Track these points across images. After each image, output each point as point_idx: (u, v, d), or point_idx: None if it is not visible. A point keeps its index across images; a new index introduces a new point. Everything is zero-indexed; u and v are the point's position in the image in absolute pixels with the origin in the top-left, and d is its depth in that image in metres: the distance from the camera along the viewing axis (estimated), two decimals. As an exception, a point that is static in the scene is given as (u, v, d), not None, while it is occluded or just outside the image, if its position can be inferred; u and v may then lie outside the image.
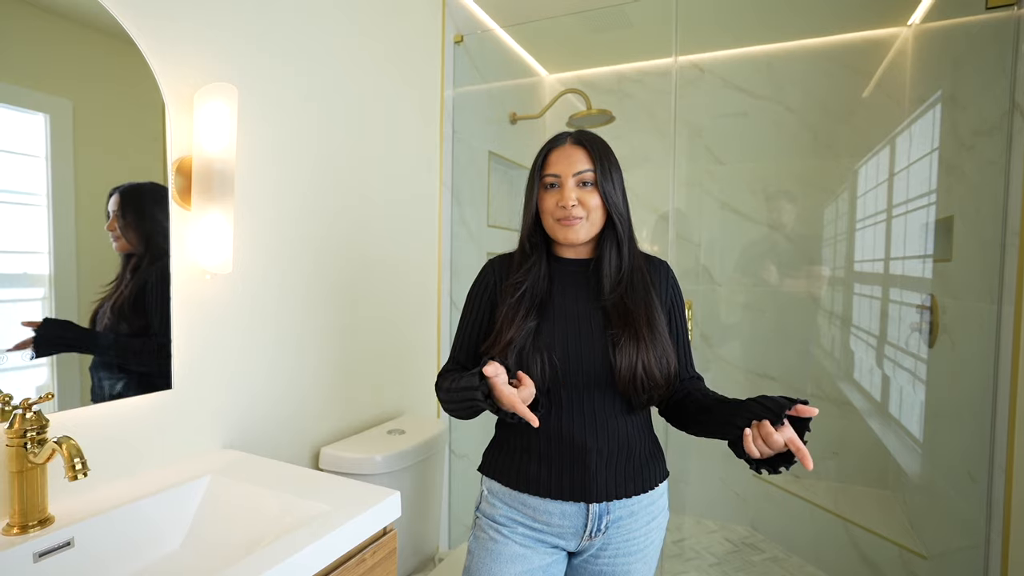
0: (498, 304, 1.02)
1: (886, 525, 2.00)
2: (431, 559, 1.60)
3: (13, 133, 0.80)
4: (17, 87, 0.81)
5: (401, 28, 1.69)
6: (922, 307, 1.86)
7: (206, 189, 1.02)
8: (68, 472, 0.71)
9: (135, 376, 0.97)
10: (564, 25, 2.17)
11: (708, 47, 2.43)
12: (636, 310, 0.96)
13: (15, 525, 0.76)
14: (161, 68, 0.99)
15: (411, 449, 1.42)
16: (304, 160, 1.34)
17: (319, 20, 1.36)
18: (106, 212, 0.92)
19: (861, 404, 2.21)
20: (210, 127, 1.02)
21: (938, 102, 1.84)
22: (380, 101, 1.60)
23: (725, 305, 2.53)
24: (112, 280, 0.93)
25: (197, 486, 0.95)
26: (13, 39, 0.80)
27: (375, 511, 0.87)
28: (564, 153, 0.99)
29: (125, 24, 0.93)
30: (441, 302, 1.95)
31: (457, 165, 2.03)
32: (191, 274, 1.06)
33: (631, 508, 0.96)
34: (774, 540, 2.37)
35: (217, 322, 1.12)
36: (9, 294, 0.80)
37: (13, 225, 0.80)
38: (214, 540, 0.89)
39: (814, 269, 2.36)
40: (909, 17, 2.08)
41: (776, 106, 2.39)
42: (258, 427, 1.23)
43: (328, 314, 1.42)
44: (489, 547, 0.99)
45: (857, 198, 2.27)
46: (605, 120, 2.16)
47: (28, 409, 0.77)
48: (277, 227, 1.27)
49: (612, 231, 1.00)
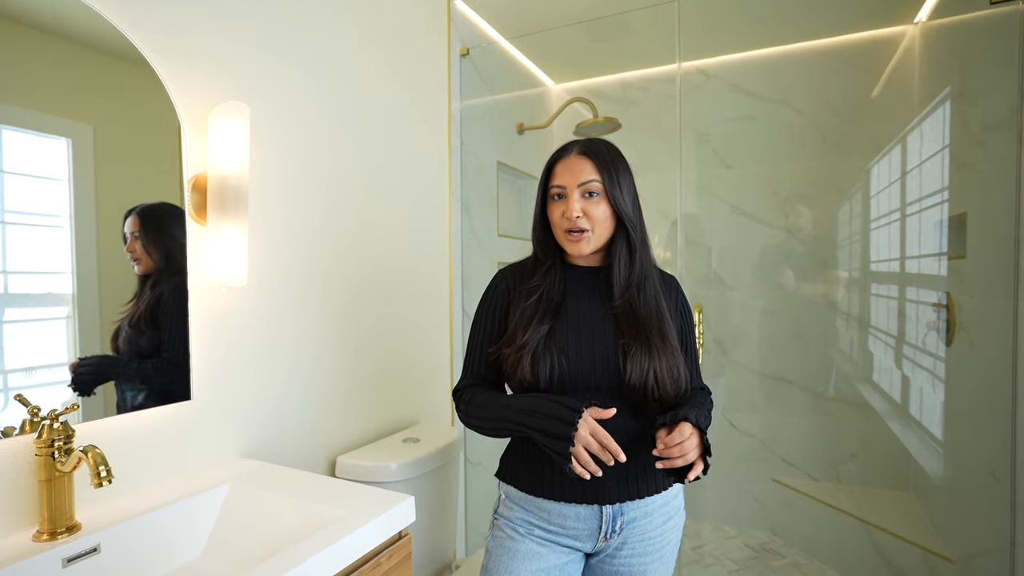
0: (511, 309, 1.03)
1: (909, 528, 1.96)
2: (448, 566, 1.61)
3: (37, 158, 0.84)
4: (41, 114, 0.85)
5: (408, 43, 1.73)
6: (938, 305, 1.84)
7: (221, 205, 1.06)
8: (94, 479, 0.73)
9: (156, 387, 1.00)
10: (568, 35, 2.20)
11: (712, 52, 2.44)
12: (648, 317, 0.97)
13: (44, 532, 0.78)
14: (176, 89, 1.03)
15: (426, 457, 1.43)
16: (316, 174, 1.37)
17: (329, 38, 1.40)
18: (123, 235, 0.96)
19: (880, 406, 2.18)
20: (224, 145, 1.06)
21: (947, 98, 1.83)
22: (389, 115, 1.64)
23: (738, 309, 2.52)
24: (131, 299, 0.96)
25: (217, 494, 0.97)
26: (37, 68, 0.84)
27: (390, 515, 0.89)
28: (569, 164, 1.00)
29: (142, 48, 0.97)
30: (453, 311, 1.97)
31: (466, 176, 2.06)
32: (207, 288, 1.09)
33: (645, 509, 0.97)
34: (795, 545, 2.34)
35: (234, 334, 1.15)
36: (35, 313, 0.84)
37: (38, 246, 0.84)
38: (234, 547, 0.91)
39: (829, 272, 2.34)
40: (915, 15, 2.08)
41: (784, 108, 2.38)
42: (275, 436, 1.25)
43: (342, 325, 1.45)
44: (507, 545, 1.00)
45: (870, 198, 2.26)
46: (612, 128, 2.17)
47: (55, 420, 0.80)
48: (291, 240, 1.30)
49: (624, 237, 1.01)
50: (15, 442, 0.81)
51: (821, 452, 2.35)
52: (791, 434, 2.40)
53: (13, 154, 0.81)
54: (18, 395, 0.81)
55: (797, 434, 2.38)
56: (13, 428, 0.80)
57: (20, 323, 0.82)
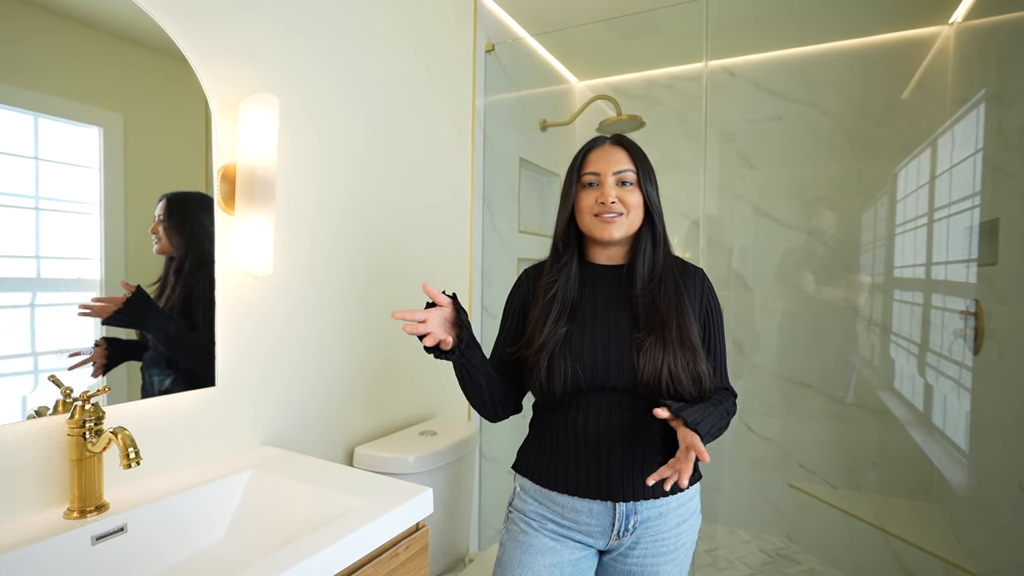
0: (531, 309, 1.03)
1: (930, 539, 1.92)
2: (461, 560, 1.61)
3: (69, 145, 0.86)
4: (74, 102, 0.86)
5: (435, 38, 1.74)
6: (966, 313, 1.80)
7: (249, 195, 1.07)
8: (123, 460, 0.75)
9: (182, 373, 1.02)
10: (593, 32, 2.19)
11: (739, 51, 2.41)
12: (667, 312, 0.96)
13: (75, 510, 0.80)
14: (209, 80, 1.05)
15: (443, 450, 1.44)
16: (341, 167, 1.38)
17: (358, 31, 1.41)
18: (154, 216, 0.98)
19: (902, 414, 2.14)
20: (253, 135, 1.07)
21: (982, 101, 1.78)
22: (414, 109, 1.65)
23: (759, 311, 2.49)
24: (156, 281, 0.98)
25: (239, 479, 0.99)
26: (72, 58, 0.86)
27: (408, 507, 0.89)
28: (604, 152, 1.01)
29: (178, 41, 0.99)
30: (473, 307, 1.98)
31: (488, 172, 2.07)
32: (234, 276, 1.11)
33: (660, 509, 0.96)
34: (811, 552, 2.31)
35: (258, 323, 1.17)
36: (65, 298, 0.86)
37: (68, 232, 0.86)
38: (255, 531, 0.93)
39: (852, 276, 2.30)
40: (950, 15, 2.03)
41: (811, 109, 2.35)
42: (296, 425, 1.27)
43: (363, 317, 1.46)
44: (520, 539, 1.00)
45: (897, 202, 2.21)
46: (635, 126, 2.16)
47: (87, 401, 0.82)
48: (316, 231, 1.31)
49: (650, 231, 1.01)
50: (48, 422, 0.83)
51: (840, 458, 2.31)
52: (809, 439, 2.36)
53: (47, 142, 0.83)
54: (51, 376, 0.83)
55: (815, 439, 2.35)
56: (47, 408, 0.83)
57: (51, 307, 0.84)
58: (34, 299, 0.82)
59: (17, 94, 0.80)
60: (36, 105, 0.82)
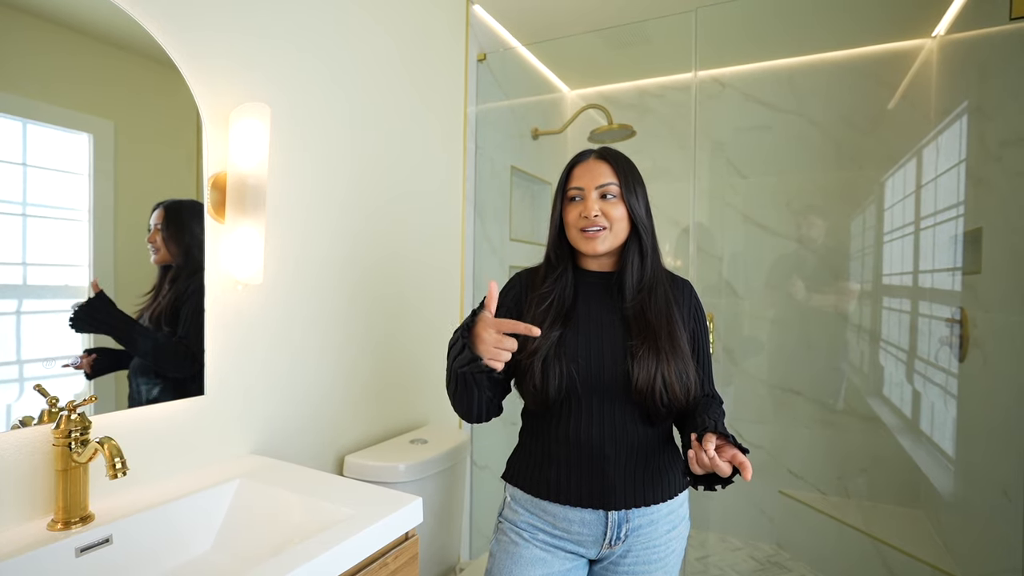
0: (523, 313, 1.04)
1: (918, 545, 1.94)
2: (452, 568, 1.61)
3: (59, 152, 0.86)
4: (64, 109, 0.86)
5: (427, 48, 1.74)
6: (952, 320, 1.83)
7: (239, 203, 1.07)
8: (109, 470, 0.74)
9: (171, 382, 1.01)
10: (585, 42, 2.21)
11: (729, 61, 2.44)
12: (657, 321, 0.97)
13: (59, 521, 0.79)
14: (199, 88, 1.05)
15: (434, 459, 1.44)
16: (333, 175, 1.38)
17: (351, 40, 1.42)
18: (148, 225, 0.97)
19: (890, 420, 2.16)
20: (244, 144, 1.07)
21: (964, 113, 1.82)
22: (407, 118, 1.65)
23: (749, 319, 2.51)
24: (149, 291, 0.98)
25: (227, 489, 0.98)
26: (63, 65, 0.86)
27: (397, 516, 0.89)
28: (587, 167, 1.02)
29: (168, 48, 0.99)
30: (464, 315, 1.98)
31: (480, 180, 2.07)
32: (224, 284, 1.10)
33: (651, 516, 0.97)
34: (801, 559, 2.31)
35: (248, 331, 1.16)
36: (52, 305, 0.85)
37: (56, 239, 0.85)
38: (244, 541, 0.92)
39: (841, 283, 2.33)
40: (933, 29, 2.07)
41: (799, 119, 2.38)
42: (285, 434, 1.26)
43: (354, 325, 1.45)
44: (510, 550, 1.00)
45: (884, 211, 2.24)
46: (626, 135, 2.18)
47: (73, 411, 0.81)
48: (306, 240, 1.31)
49: (636, 242, 1.02)
50: (33, 432, 0.82)
51: (829, 465, 2.33)
52: (799, 446, 2.38)
53: (36, 148, 0.83)
54: (37, 385, 0.82)
55: (805, 446, 2.37)
56: (31, 418, 0.82)
57: (38, 314, 0.83)
58: (20, 306, 0.82)
59: (5, 100, 0.79)
60: (25, 111, 0.81)
